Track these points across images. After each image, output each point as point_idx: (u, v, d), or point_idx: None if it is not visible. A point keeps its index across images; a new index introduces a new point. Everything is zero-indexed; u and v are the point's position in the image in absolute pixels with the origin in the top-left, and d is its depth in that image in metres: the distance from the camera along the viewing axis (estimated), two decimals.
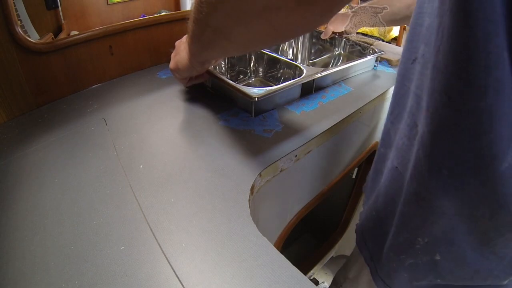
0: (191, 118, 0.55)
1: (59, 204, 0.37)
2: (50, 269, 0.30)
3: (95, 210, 0.36)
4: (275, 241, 0.53)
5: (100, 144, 0.47)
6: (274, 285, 0.28)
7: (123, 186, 0.39)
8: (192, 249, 0.32)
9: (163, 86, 0.67)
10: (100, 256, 0.31)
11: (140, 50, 0.75)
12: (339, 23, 0.86)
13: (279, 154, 0.45)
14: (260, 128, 0.52)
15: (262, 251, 0.32)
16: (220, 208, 0.36)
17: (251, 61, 0.81)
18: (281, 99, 0.60)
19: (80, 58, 0.63)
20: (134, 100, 0.61)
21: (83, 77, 0.65)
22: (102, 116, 0.55)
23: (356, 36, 1.09)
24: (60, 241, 0.32)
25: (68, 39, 0.61)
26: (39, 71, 0.57)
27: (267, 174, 0.44)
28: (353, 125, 0.62)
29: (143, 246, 0.32)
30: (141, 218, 0.35)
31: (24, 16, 0.74)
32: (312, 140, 0.50)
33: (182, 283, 0.28)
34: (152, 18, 0.76)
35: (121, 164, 0.43)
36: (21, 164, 0.44)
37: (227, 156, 0.45)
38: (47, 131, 0.51)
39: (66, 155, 0.45)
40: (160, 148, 0.47)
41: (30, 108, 0.57)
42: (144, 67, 0.77)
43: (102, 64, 0.68)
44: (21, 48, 0.52)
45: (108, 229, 0.34)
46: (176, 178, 0.41)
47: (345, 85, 0.70)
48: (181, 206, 0.37)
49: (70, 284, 0.28)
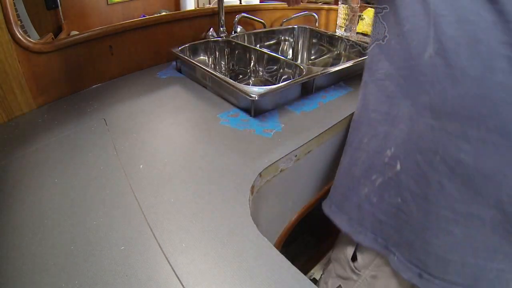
0: (191, 118, 0.55)
1: (59, 204, 0.37)
2: (50, 269, 0.30)
3: (95, 210, 0.36)
4: (275, 241, 0.53)
5: (100, 144, 0.47)
6: (274, 285, 0.28)
7: (123, 186, 0.39)
8: (192, 249, 0.32)
9: (163, 86, 0.67)
10: (100, 256, 0.31)
11: (140, 50, 0.75)
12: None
13: (279, 154, 0.45)
14: (260, 128, 0.52)
15: (262, 251, 0.31)
16: (220, 208, 0.36)
17: (251, 61, 0.81)
18: (281, 99, 0.60)
19: (80, 58, 0.63)
20: (134, 100, 0.61)
21: (83, 77, 0.65)
22: (102, 116, 0.55)
23: (356, 36, 1.09)
24: (60, 241, 0.32)
25: (68, 39, 0.61)
26: (39, 71, 0.57)
27: (267, 174, 0.44)
28: None
29: (143, 246, 0.32)
30: (141, 218, 0.35)
31: (24, 16, 0.74)
32: (312, 140, 0.50)
33: (182, 283, 0.28)
34: (152, 18, 0.76)
35: (121, 164, 0.43)
36: (21, 164, 0.44)
37: (227, 156, 0.45)
38: (47, 131, 0.51)
39: (66, 155, 0.45)
40: (160, 148, 0.47)
41: (30, 108, 0.57)
42: (144, 67, 0.77)
43: (102, 64, 0.68)
44: (21, 48, 0.52)
45: (108, 229, 0.33)
46: (176, 178, 0.41)
47: (345, 85, 0.70)
48: (181, 206, 0.37)
49: (70, 284, 0.28)
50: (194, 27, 0.85)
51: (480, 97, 0.31)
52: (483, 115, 0.31)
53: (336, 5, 1.23)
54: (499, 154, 0.32)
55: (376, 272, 0.48)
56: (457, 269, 0.38)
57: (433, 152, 0.36)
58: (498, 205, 0.34)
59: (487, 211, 0.35)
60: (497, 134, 0.31)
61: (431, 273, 0.40)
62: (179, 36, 0.83)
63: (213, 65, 0.85)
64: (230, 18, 0.88)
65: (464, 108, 0.32)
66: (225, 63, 0.86)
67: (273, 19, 1.10)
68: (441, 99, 0.34)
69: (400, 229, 0.42)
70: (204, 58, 0.82)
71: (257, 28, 1.02)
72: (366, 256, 0.48)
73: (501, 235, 0.35)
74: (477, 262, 0.37)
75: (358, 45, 0.87)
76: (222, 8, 0.81)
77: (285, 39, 1.01)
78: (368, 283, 0.49)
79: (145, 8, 1.38)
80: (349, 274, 0.51)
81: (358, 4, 1.07)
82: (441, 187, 0.36)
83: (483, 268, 0.37)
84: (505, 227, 0.35)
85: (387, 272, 0.47)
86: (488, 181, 0.33)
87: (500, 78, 0.29)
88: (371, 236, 0.45)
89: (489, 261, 0.37)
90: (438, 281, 0.39)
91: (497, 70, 0.30)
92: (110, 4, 1.26)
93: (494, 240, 0.36)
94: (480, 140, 0.32)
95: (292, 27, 1.00)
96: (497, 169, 0.33)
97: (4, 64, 0.51)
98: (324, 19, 1.32)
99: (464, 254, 0.37)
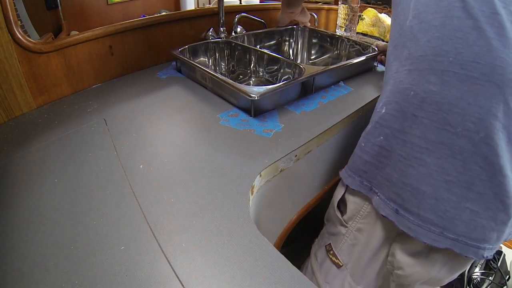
0: (191, 118, 0.55)
1: (59, 204, 0.37)
2: (50, 269, 0.30)
3: (95, 210, 0.36)
4: (275, 241, 0.53)
5: (100, 144, 0.47)
6: (274, 285, 0.28)
7: (123, 186, 0.39)
8: (192, 249, 0.32)
9: (163, 86, 0.67)
10: (100, 256, 0.31)
11: (140, 50, 0.75)
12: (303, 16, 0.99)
13: (279, 154, 0.45)
14: (260, 128, 0.52)
15: (262, 251, 0.32)
16: (220, 208, 0.36)
17: (251, 62, 0.81)
18: (281, 99, 0.60)
19: (80, 58, 0.63)
20: (134, 100, 0.61)
21: (83, 77, 0.65)
22: (102, 116, 0.55)
23: (356, 36, 1.09)
24: (60, 241, 0.32)
25: (68, 39, 0.61)
26: (39, 71, 0.57)
27: (267, 174, 0.44)
28: (353, 125, 0.62)
29: (143, 246, 0.32)
30: (141, 218, 0.35)
31: (24, 16, 0.74)
32: (312, 140, 0.50)
33: (182, 283, 0.28)
34: (152, 18, 0.76)
35: (121, 164, 0.43)
36: (21, 164, 0.44)
37: (227, 156, 0.45)
38: (47, 131, 0.51)
39: (66, 155, 0.45)
40: (160, 148, 0.47)
41: (30, 108, 0.57)
42: (144, 67, 0.77)
43: (102, 64, 0.68)
44: (21, 48, 0.53)
45: (108, 229, 0.33)
46: (176, 178, 0.41)
47: (345, 85, 0.70)
48: (181, 206, 0.37)
49: (70, 284, 0.28)
50: (194, 27, 0.85)
51: (441, 38, 0.39)
52: (444, 51, 0.39)
53: (336, 5, 1.23)
54: (461, 82, 0.37)
55: (362, 225, 0.51)
56: (431, 204, 0.40)
57: (409, 89, 0.42)
58: (466, 134, 0.37)
59: (457, 140, 0.38)
60: (456, 64, 0.38)
61: (407, 208, 0.42)
62: (179, 36, 0.83)
63: (213, 66, 0.85)
64: (230, 18, 0.88)
65: (430, 48, 0.40)
66: (225, 64, 0.86)
67: (273, 19, 1.10)
68: (415, 47, 0.42)
69: (382, 167, 0.45)
70: (204, 59, 0.82)
71: (257, 28, 1.02)
72: (353, 206, 0.52)
73: (472, 171, 0.37)
74: (449, 197, 0.39)
75: (358, 45, 0.87)
76: (222, 8, 0.81)
77: (284, 39, 1.01)
78: (354, 237, 0.52)
79: (145, 8, 1.38)
80: (339, 228, 0.54)
81: (358, 4, 1.07)
82: (415, 117, 0.41)
83: (456, 206, 0.38)
84: (476, 161, 0.37)
85: (371, 224, 0.50)
86: (454, 108, 0.38)
87: (455, 23, 0.38)
88: (358, 180, 0.49)
89: (462, 198, 0.38)
90: (413, 218, 0.41)
91: (453, 18, 0.39)
92: (110, 4, 1.26)
93: (466, 175, 0.38)
94: (444, 71, 0.39)
95: (291, 27, 1.00)
96: (460, 96, 0.37)
97: (4, 64, 0.51)
98: (324, 19, 1.32)
99: (438, 187, 0.39)
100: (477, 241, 0.39)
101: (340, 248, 0.55)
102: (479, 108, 0.36)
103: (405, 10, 0.45)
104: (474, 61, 0.37)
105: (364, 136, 0.49)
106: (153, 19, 0.76)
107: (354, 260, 0.53)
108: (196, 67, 0.64)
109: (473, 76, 0.37)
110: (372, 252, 0.51)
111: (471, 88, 0.37)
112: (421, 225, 0.41)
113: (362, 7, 1.24)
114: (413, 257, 0.45)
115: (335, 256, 0.55)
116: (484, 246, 0.39)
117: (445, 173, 0.39)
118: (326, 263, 0.58)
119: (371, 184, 0.47)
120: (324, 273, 0.58)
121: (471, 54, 0.37)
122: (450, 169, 0.38)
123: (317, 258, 0.61)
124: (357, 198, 0.51)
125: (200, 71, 0.65)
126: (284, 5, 0.95)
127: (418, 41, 0.42)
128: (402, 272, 0.46)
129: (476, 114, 0.37)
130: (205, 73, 0.63)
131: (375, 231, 0.49)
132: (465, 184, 0.38)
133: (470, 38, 0.37)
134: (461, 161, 0.38)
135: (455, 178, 0.38)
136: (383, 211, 0.45)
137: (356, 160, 0.49)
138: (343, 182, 0.53)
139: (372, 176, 0.47)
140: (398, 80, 0.44)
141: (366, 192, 0.48)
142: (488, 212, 0.38)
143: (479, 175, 0.37)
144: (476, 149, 0.37)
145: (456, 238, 0.39)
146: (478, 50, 0.37)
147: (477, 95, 0.36)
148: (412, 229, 0.41)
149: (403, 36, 0.45)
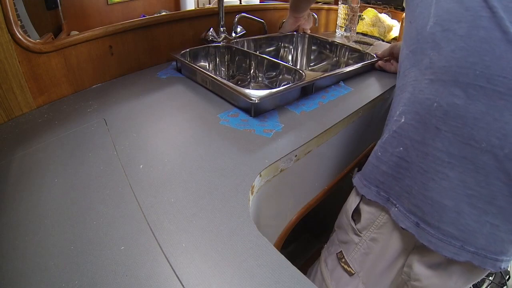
0: (191, 118, 0.55)
1: (59, 204, 0.37)
2: (50, 269, 0.30)
3: (95, 210, 0.36)
4: (275, 241, 0.53)
5: (100, 144, 0.47)
6: (274, 285, 0.28)
7: (123, 186, 0.39)
8: (192, 249, 0.32)
9: (163, 86, 0.67)
10: (100, 256, 0.31)
11: (140, 50, 0.75)
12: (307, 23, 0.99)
13: (279, 154, 0.45)
14: (260, 128, 0.52)
15: (262, 251, 0.31)
16: (220, 208, 0.36)
17: (251, 67, 0.81)
18: (281, 100, 0.60)
19: (80, 58, 0.63)
20: (134, 100, 0.61)
21: (83, 77, 0.65)
22: (102, 116, 0.55)
23: (356, 36, 1.09)
24: (60, 241, 0.32)
25: (68, 39, 0.61)
26: (39, 71, 0.57)
27: (267, 174, 0.44)
28: (353, 125, 0.62)
29: (143, 246, 0.32)
30: (141, 218, 0.35)
31: (24, 16, 0.74)
32: (312, 140, 0.50)
33: (182, 283, 0.28)
34: (152, 18, 0.76)
35: (121, 164, 0.43)
36: (21, 164, 0.44)
37: (227, 156, 0.45)
38: (47, 131, 0.51)
39: (66, 155, 0.45)
40: (160, 148, 0.47)
41: (30, 108, 0.57)
42: (144, 67, 0.77)
43: (102, 64, 0.68)
44: (21, 48, 0.53)
45: (108, 229, 0.33)
46: (176, 178, 0.41)
47: (345, 85, 0.70)
48: (181, 206, 0.37)
49: (70, 284, 0.28)
50: (194, 27, 0.85)
51: (467, 50, 0.37)
52: (470, 63, 0.37)
53: (336, 5, 1.23)
54: (486, 96, 0.36)
55: (376, 235, 0.50)
56: (453, 217, 0.39)
57: (431, 100, 0.40)
58: (490, 149, 0.36)
59: (480, 155, 0.37)
60: (483, 78, 0.36)
61: (427, 221, 0.41)
62: (179, 36, 0.83)
63: (213, 70, 0.85)
64: (230, 18, 0.88)
65: (455, 59, 0.38)
66: (225, 69, 0.86)
67: (273, 19, 1.10)
68: (438, 57, 0.40)
69: (401, 178, 0.44)
70: (205, 64, 0.82)
71: (257, 28, 1.02)
72: (368, 215, 0.50)
73: (495, 186, 0.37)
74: (471, 211, 0.38)
75: (357, 52, 0.87)
76: (222, 8, 0.81)
77: (284, 45, 1.01)
78: (368, 246, 0.51)
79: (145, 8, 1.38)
80: (351, 237, 0.53)
81: (358, 4, 1.07)
82: (437, 130, 0.40)
83: (477, 220, 0.38)
84: (499, 176, 0.36)
85: (387, 235, 0.49)
86: (479, 123, 0.37)
87: (482, 34, 0.36)
88: (374, 190, 0.48)
89: (483, 212, 0.38)
90: (434, 231, 0.41)
91: (480, 28, 0.36)
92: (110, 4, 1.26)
93: (488, 190, 0.37)
94: (469, 85, 0.37)
95: (291, 34, 1.00)
96: (486, 111, 0.36)
97: (4, 64, 0.51)
98: (324, 19, 1.32)
99: (459, 201, 0.39)
100: (496, 253, 0.39)
101: (352, 257, 0.54)
102: (505, 124, 0.35)
103: (424, 14, 0.43)
104: (501, 76, 0.35)
105: (381, 145, 0.47)
106: (153, 19, 0.76)
107: (367, 269, 0.52)
108: (197, 70, 0.64)
109: (499, 91, 0.35)
110: (387, 262, 0.50)
111: (497, 103, 0.35)
112: (442, 239, 0.40)
113: (362, 7, 1.24)
114: (432, 269, 0.44)
115: (347, 264, 0.55)
116: (502, 258, 0.39)
117: (467, 187, 0.38)
118: (337, 271, 0.57)
119: (389, 194, 0.46)
120: (336, 280, 0.57)
121: (499, 68, 0.35)
122: (472, 183, 0.38)
123: (327, 264, 0.60)
124: (373, 208, 0.50)
125: (200, 74, 0.65)
126: (292, 9, 0.95)
127: (441, 50, 0.40)
128: (419, 284, 0.46)
129: (501, 130, 0.36)
130: (206, 76, 0.63)
131: (391, 242, 0.48)
132: (486, 198, 0.37)
133: (498, 51, 0.35)
134: (484, 176, 0.37)
135: (477, 192, 0.38)
136: (403, 224, 0.44)
137: (372, 169, 0.48)
138: (357, 191, 0.52)
139: (390, 186, 0.46)
140: (417, 89, 0.42)
141: (382, 203, 0.47)
142: (508, 226, 0.38)
143: (501, 190, 0.37)
144: (499, 164, 0.36)
145: (476, 251, 0.39)
146: (505, 65, 0.35)
147: (503, 110, 0.35)
148: (432, 242, 0.41)
149: (422, 43, 0.43)
